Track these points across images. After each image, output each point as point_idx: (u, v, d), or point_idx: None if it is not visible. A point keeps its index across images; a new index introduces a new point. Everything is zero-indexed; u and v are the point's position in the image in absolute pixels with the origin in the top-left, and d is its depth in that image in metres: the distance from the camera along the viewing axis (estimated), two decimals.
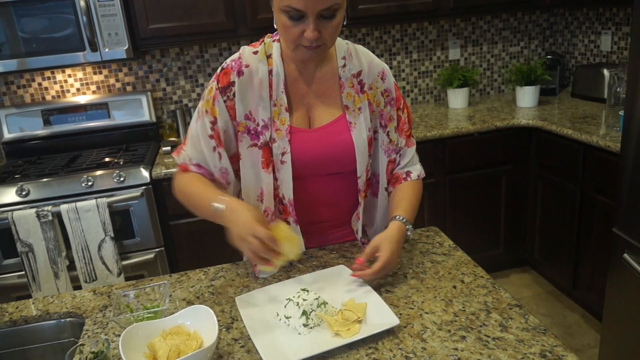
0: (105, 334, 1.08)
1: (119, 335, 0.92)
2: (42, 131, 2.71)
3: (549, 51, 3.32)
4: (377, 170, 1.30)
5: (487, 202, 2.81)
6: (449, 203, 2.76)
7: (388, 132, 1.26)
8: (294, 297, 1.04)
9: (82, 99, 2.72)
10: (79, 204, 2.22)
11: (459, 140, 2.65)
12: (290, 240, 1.06)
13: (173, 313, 1.01)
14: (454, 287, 1.14)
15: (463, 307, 1.06)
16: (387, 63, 3.07)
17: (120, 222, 2.33)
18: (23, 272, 2.26)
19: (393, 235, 1.14)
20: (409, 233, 1.18)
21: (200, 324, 0.98)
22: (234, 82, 1.16)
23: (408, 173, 1.30)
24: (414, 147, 1.32)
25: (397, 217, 1.18)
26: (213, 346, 0.90)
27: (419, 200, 1.29)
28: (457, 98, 3.02)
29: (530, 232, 2.87)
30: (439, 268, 1.22)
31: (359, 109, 1.22)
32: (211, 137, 1.17)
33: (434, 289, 1.13)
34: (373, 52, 1.91)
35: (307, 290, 1.06)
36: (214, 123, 1.17)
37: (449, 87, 3.02)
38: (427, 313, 1.05)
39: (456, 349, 0.94)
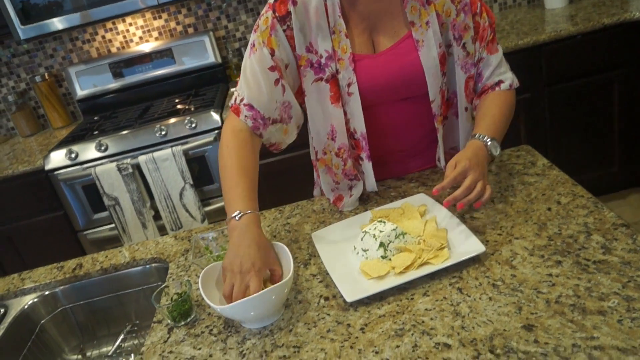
0: (188, 276, 1.19)
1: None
2: (113, 85, 2.89)
3: None
4: (454, 88, 1.25)
5: (596, 114, 2.62)
6: (550, 119, 2.60)
7: (464, 43, 1.19)
8: (370, 229, 1.06)
9: (146, 47, 2.84)
10: (155, 154, 2.38)
11: (558, 45, 2.45)
12: None
13: None
14: (549, 209, 1.10)
15: (559, 230, 1.03)
16: None
17: (198, 168, 2.47)
18: (113, 225, 2.50)
19: (468, 152, 1.09)
20: (492, 150, 1.12)
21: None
22: (290, 12, 1.14)
23: (499, 83, 1.23)
24: (499, 53, 1.24)
25: (476, 136, 1.14)
26: (290, 280, 0.95)
27: (509, 114, 1.22)
28: None
29: None
30: (531, 190, 1.18)
31: (427, 23, 1.16)
32: (272, 68, 1.15)
33: (525, 213, 1.10)
34: None
35: (384, 222, 1.07)
36: (272, 55, 1.15)
37: None
38: (517, 238, 1.03)
39: (550, 275, 0.92)
